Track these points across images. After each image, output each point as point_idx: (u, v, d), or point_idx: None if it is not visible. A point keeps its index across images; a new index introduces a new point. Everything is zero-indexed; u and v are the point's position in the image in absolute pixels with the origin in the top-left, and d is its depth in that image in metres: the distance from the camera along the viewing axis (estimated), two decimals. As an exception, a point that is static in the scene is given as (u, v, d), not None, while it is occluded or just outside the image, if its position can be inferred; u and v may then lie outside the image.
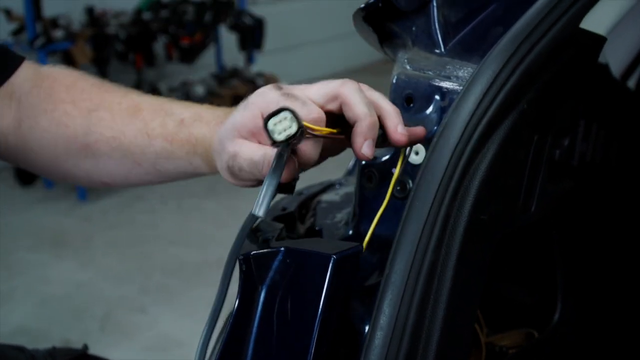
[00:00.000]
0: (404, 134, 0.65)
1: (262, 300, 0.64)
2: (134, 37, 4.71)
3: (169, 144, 0.77)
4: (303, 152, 0.64)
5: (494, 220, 0.66)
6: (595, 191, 0.92)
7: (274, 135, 0.61)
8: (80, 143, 0.82)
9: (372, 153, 0.64)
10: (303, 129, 0.61)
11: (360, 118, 0.63)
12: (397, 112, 0.66)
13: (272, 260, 0.64)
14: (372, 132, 0.64)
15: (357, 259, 0.65)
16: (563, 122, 0.76)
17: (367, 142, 0.63)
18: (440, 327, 0.61)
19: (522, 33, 0.65)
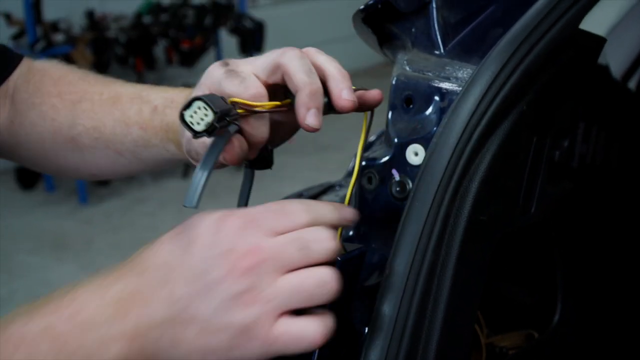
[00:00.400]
0: (349, 99, 0.61)
1: None
2: (134, 40, 4.72)
3: (144, 132, 0.77)
4: (248, 130, 0.62)
5: (494, 220, 0.66)
6: (596, 193, 0.92)
7: (194, 127, 0.58)
8: (65, 136, 0.82)
9: (318, 123, 0.60)
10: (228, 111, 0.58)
11: (300, 87, 0.60)
12: (343, 75, 0.63)
13: None
14: (315, 100, 0.60)
15: (362, 261, 0.65)
16: (563, 123, 0.76)
17: (310, 111, 0.60)
18: (440, 328, 0.61)
19: (521, 34, 0.65)
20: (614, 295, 0.97)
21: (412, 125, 0.70)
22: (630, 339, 0.98)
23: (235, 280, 0.52)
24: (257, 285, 0.52)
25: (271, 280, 0.53)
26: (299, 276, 0.53)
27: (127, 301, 0.53)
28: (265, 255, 0.53)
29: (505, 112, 0.64)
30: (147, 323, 0.53)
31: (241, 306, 0.52)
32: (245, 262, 0.53)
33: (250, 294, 0.52)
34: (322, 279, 0.53)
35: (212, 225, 0.54)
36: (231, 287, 0.52)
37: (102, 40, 4.56)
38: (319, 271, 0.54)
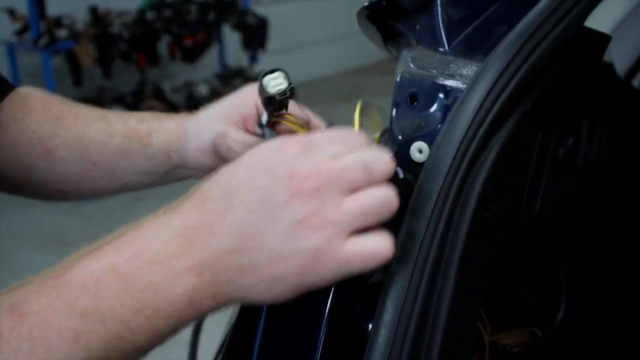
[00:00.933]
0: None
1: None
2: (138, 36, 4.72)
3: (127, 140, 0.80)
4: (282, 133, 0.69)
5: (498, 218, 0.66)
6: (600, 191, 0.92)
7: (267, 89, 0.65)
8: (43, 146, 0.84)
9: None
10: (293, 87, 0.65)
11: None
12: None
13: None
14: None
15: None
16: (567, 120, 0.76)
17: None
18: (444, 325, 0.61)
19: (526, 31, 0.65)
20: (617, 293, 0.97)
21: (417, 123, 0.69)
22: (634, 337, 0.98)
23: (301, 204, 0.52)
24: (323, 207, 0.52)
25: (337, 202, 0.53)
26: (365, 196, 0.54)
27: (190, 234, 0.53)
28: (329, 177, 0.53)
29: (510, 110, 0.64)
30: (213, 255, 0.53)
31: (310, 230, 0.52)
32: (309, 184, 0.52)
33: (318, 216, 0.52)
34: (386, 198, 0.55)
35: (273, 152, 0.54)
36: (298, 211, 0.52)
37: (105, 35, 4.56)
38: (383, 190, 0.55)
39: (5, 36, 4.44)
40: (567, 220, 0.85)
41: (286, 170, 0.53)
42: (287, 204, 0.52)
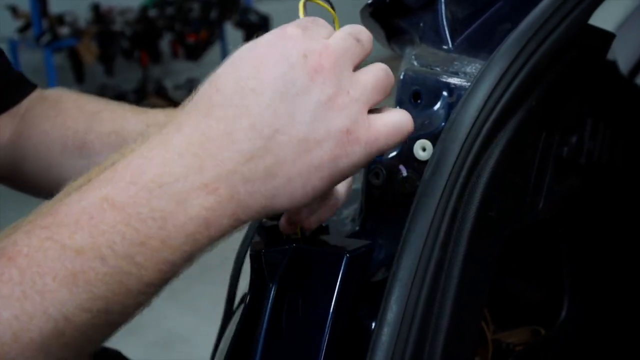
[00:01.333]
0: None
1: (272, 297, 0.64)
2: (140, 34, 4.72)
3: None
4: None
5: (502, 217, 0.66)
6: (603, 190, 0.92)
7: None
8: (78, 141, 0.82)
9: None
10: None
11: None
12: None
13: (282, 257, 0.64)
14: None
15: (370, 257, 0.65)
16: (571, 119, 0.76)
17: None
18: (448, 324, 0.60)
19: (531, 29, 0.64)
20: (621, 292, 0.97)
21: (420, 121, 0.69)
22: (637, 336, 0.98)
23: (322, 83, 0.49)
24: (343, 84, 0.50)
25: (351, 77, 0.51)
26: (371, 71, 0.53)
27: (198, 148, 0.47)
28: (339, 52, 0.51)
29: (514, 108, 0.64)
30: (231, 166, 0.47)
31: (336, 110, 0.49)
32: (326, 61, 0.49)
33: (341, 94, 0.49)
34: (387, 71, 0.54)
35: (277, 38, 0.50)
36: (322, 92, 0.49)
37: (107, 33, 4.56)
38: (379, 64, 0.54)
39: (8, 33, 4.44)
40: (571, 219, 0.85)
41: (299, 52, 0.49)
42: (310, 87, 0.48)
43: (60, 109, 0.84)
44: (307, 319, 0.63)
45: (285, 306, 0.64)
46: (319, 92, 0.49)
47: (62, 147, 0.83)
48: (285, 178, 0.48)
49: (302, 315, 0.63)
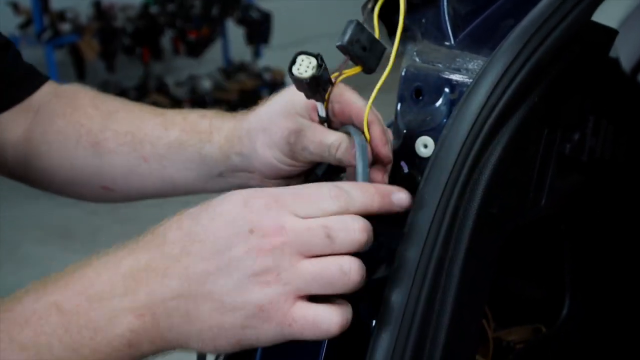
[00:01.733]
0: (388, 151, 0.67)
1: None
2: (141, 30, 4.72)
3: (185, 134, 0.76)
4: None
5: (504, 214, 0.66)
6: (605, 187, 0.91)
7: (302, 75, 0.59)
8: (92, 139, 0.81)
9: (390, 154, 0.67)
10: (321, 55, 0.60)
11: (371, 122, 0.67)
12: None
13: None
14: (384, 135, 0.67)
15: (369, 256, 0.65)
16: (573, 116, 0.76)
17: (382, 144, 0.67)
18: (448, 321, 0.60)
19: (533, 26, 0.64)
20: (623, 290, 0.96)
21: (422, 117, 0.69)
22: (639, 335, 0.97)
23: (255, 259, 0.52)
24: (277, 266, 0.52)
25: (292, 263, 0.52)
26: (321, 263, 0.53)
27: (139, 275, 0.53)
28: (289, 238, 0.53)
29: (516, 105, 0.64)
30: (159, 297, 0.53)
31: (259, 285, 0.52)
32: (268, 241, 0.52)
33: (270, 274, 0.52)
34: (343, 269, 0.53)
35: (238, 203, 0.54)
36: (251, 266, 0.52)
37: (109, 30, 4.56)
38: (342, 260, 0.54)
39: (9, 30, 4.44)
40: (573, 215, 0.85)
41: (247, 225, 0.53)
42: (243, 258, 0.52)
43: (76, 106, 0.84)
44: None
45: None
46: (249, 265, 0.52)
47: (75, 143, 0.82)
48: (198, 328, 0.53)
49: None
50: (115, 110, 0.82)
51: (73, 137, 0.82)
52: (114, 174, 0.82)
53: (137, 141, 0.79)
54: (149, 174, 0.79)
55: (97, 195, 0.85)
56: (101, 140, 0.81)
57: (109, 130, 0.80)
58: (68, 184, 0.85)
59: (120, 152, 0.80)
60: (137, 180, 0.81)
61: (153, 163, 0.79)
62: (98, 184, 0.84)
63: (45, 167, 0.85)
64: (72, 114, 0.83)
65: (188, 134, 0.76)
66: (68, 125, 0.83)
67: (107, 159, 0.81)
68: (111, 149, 0.80)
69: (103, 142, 0.81)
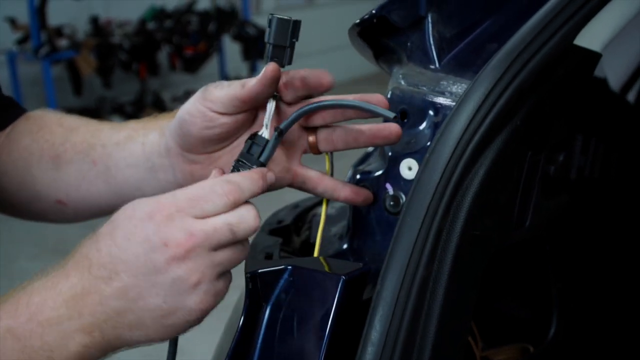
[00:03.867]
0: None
1: (267, 318, 0.65)
2: (138, 46, 4.73)
3: (134, 131, 0.80)
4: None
5: (487, 235, 0.66)
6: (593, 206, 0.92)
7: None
8: (53, 153, 0.84)
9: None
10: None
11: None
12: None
13: (278, 278, 0.65)
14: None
15: (365, 280, 0.65)
16: (557, 138, 0.76)
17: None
18: (432, 343, 0.61)
19: (516, 49, 0.65)
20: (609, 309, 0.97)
21: (406, 140, 0.70)
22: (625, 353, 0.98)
23: (177, 267, 0.59)
24: (197, 265, 0.59)
25: (208, 259, 0.60)
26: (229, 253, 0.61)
27: (79, 299, 0.59)
28: (199, 240, 0.59)
29: (499, 127, 0.64)
30: (103, 317, 0.59)
31: (190, 287, 0.59)
32: (181, 250, 0.59)
33: (194, 274, 0.59)
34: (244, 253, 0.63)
35: (145, 218, 0.59)
36: (176, 273, 0.59)
37: (106, 45, 4.57)
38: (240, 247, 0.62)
39: (6, 45, 4.45)
40: (559, 236, 0.85)
41: (160, 239, 0.59)
42: (165, 270, 0.59)
43: (42, 124, 0.86)
44: (303, 340, 0.63)
45: (279, 327, 0.64)
46: (174, 273, 0.59)
47: (38, 158, 0.84)
48: (144, 333, 0.61)
49: (298, 336, 0.63)
50: (77, 126, 0.85)
51: (36, 153, 0.85)
52: (68, 184, 0.84)
53: (90, 147, 0.82)
54: (96, 178, 0.82)
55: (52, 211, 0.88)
56: (60, 153, 0.83)
57: (68, 142, 0.83)
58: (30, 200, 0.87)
59: (74, 161, 0.83)
60: (86, 187, 0.83)
61: (100, 165, 0.81)
62: (54, 198, 0.86)
63: (10, 184, 0.87)
64: (38, 131, 0.86)
65: (137, 130, 0.80)
66: (33, 143, 0.85)
67: (64, 169, 0.83)
68: (68, 159, 0.83)
69: (62, 155, 0.83)
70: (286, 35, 0.66)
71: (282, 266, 0.65)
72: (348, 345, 0.62)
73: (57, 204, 0.87)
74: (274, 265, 0.65)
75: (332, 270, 0.64)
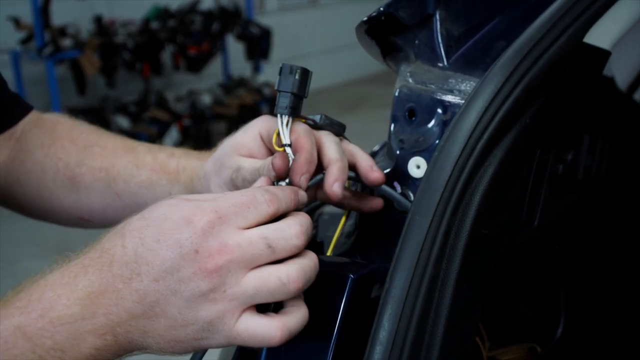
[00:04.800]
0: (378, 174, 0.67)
1: None
2: (142, 46, 4.73)
3: (155, 174, 0.80)
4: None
5: (496, 234, 0.66)
6: (600, 205, 0.91)
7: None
8: (69, 174, 0.84)
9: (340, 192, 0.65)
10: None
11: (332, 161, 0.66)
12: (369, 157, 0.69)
13: None
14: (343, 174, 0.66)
15: (373, 278, 0.65)
16: (566, 136, 0.76)
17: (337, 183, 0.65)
18: (441, 342, 0.60)
19: (525, 47, 0.64)
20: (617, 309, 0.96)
21: (415, 138, 0.69)
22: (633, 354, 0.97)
23: (202, 280, 0.55)
24: (223, 283, 0.55)
25: (237, 279, 0.55)
26: (262, 276, 0.56)
27: (96, 298, 0.56)
28: (233, 256, 0.55)
29: (508, 126, 0.64)
30: (117, 319, 0.56)
31: (207, 303, 0.55)
32: (212, 263, 0.55)
33: (216, 292, 0.55)
34: (282, 280, 0.56)
35: (181, 223, 0.56)
36: (198, 286, 0.55)
37: (109, 45, 4.58)
38: (280, 272, 0.56)
39: (10, 45, 4.45)
40: (567, 235, 0.85)
41: (192, 246, 0.55)
42: (190, 280, 0.55)
43: (54, 138, 0.86)
44: (310, 339, 0.62)
45: None
46: (196, 285, 0.55)
47: (53, 176, 0.85)
48: (156, 341, 0.57)
49: (305, 335, 0.63)
50: (90, 144, 0.85)
51: (51, 170, 0.85)
52: (91, 207, 0.85)
53: (110, 178, 0.82)
54: (123, 209, 0.82)
55: (75, 223, 0.89)
56: (77, 175, 0.84)
57: (85, 166, 0.84)
58: (47, 212, 0.88)
59: (95, 188, 0.83)
60: (112, 213, 0.84)
61: (126, 200, 0.82)
62: (75, 215, 0.87)
63: (26, 195, 0.87)
64: (50, 146, 0.86)
65: (158, 173, 0.80)
66: (46, 158, 0.85)
67: (84, 193, 0.84)
68: (87, 184, 0.83)
69: (79, 177, 0.84)
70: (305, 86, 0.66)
71: None
72: (356, 344, 0.62)
73: (79, 220, 0.87)
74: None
75: (340, 270, 0.64)
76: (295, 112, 0.66)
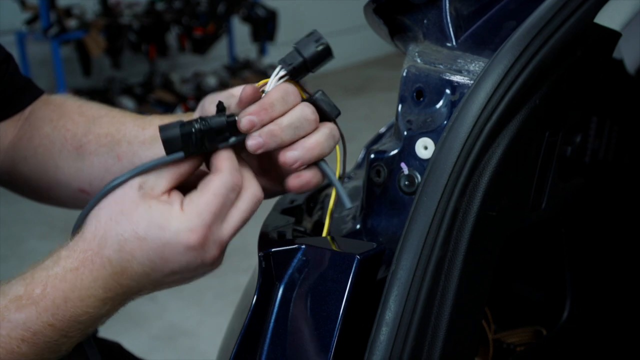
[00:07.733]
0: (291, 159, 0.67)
1: (280, 297, 0.64)
2: (148, 27, 4.71)
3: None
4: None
5: (504, 216, 0.65)
6: (607, 188, 0.91)
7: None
8: (76, 143, 0.84)
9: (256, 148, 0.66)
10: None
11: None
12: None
13: (292, 257, 0.64)
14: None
15: (380, 259, 0.65)
16: (575, 118, 0.75)
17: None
18: (447, 324, 0.60)
19: (535, 27, 0.64)
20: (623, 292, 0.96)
21: (422, 119, 0.69)
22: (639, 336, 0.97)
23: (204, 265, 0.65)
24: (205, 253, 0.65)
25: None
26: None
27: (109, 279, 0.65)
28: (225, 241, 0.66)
29: (517, 107, 0.63)
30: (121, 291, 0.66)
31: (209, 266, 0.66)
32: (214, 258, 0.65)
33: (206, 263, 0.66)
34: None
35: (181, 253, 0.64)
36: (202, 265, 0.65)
37: (115, 26, 4.56)
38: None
39: (16, 25, 4.44)
40: (574, 218, 0.85)
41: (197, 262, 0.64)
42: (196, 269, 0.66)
43: (63, 112, 0.86)
44: (317, 319, 0.62)
45: (292, 306, 0.64)
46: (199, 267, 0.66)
47: (60, 147, 0.85)
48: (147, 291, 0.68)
49: (311, 315, 0.62)
50: (99, 115, 0.86)
51: (58, 142, 0.85)
52: (92, 176, 0.85)
53: (115, 142, 0.82)
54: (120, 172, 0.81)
55: (74, 198, 0.89)
56: (84, 144, 0.84)
57: (92, 134, 0.84)
58: (51, 187, 0.88)
59: (99, 153, 0.83)
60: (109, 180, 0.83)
61: (125, 162, 0.82)
62: (76, 186, 0.86)
63: (31, 173, 0.87)
64: (59, 119, 0.86)
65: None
66: (54, 131, 0.85)
67: (88, 161, 0.84)
68: (92, 150, 0.84)
69: (86, 145, 0.84)
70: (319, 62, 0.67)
71: (295, 245, 0.64)
72: (362, 325, 0.62)
73: (79, 193, 0.87)
74: (288, 245, 0.65)
75: (346, 250, 0.63)
76: (294, 76, 0.66)
